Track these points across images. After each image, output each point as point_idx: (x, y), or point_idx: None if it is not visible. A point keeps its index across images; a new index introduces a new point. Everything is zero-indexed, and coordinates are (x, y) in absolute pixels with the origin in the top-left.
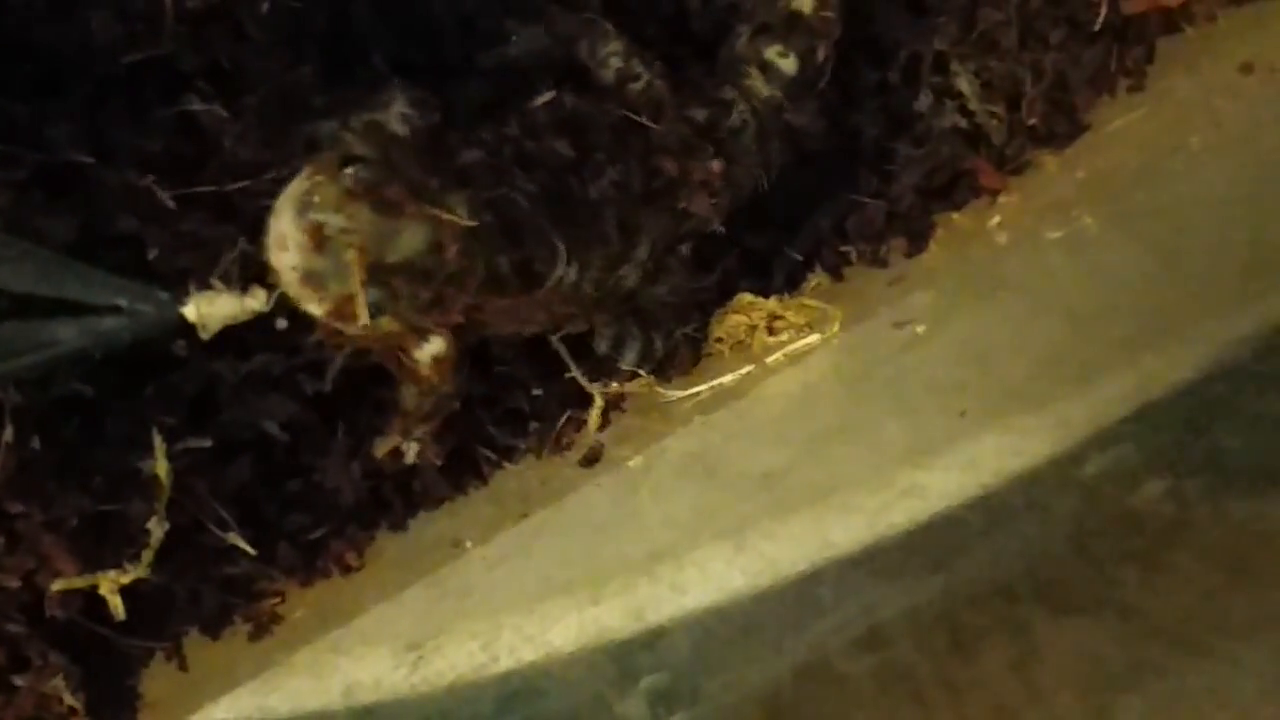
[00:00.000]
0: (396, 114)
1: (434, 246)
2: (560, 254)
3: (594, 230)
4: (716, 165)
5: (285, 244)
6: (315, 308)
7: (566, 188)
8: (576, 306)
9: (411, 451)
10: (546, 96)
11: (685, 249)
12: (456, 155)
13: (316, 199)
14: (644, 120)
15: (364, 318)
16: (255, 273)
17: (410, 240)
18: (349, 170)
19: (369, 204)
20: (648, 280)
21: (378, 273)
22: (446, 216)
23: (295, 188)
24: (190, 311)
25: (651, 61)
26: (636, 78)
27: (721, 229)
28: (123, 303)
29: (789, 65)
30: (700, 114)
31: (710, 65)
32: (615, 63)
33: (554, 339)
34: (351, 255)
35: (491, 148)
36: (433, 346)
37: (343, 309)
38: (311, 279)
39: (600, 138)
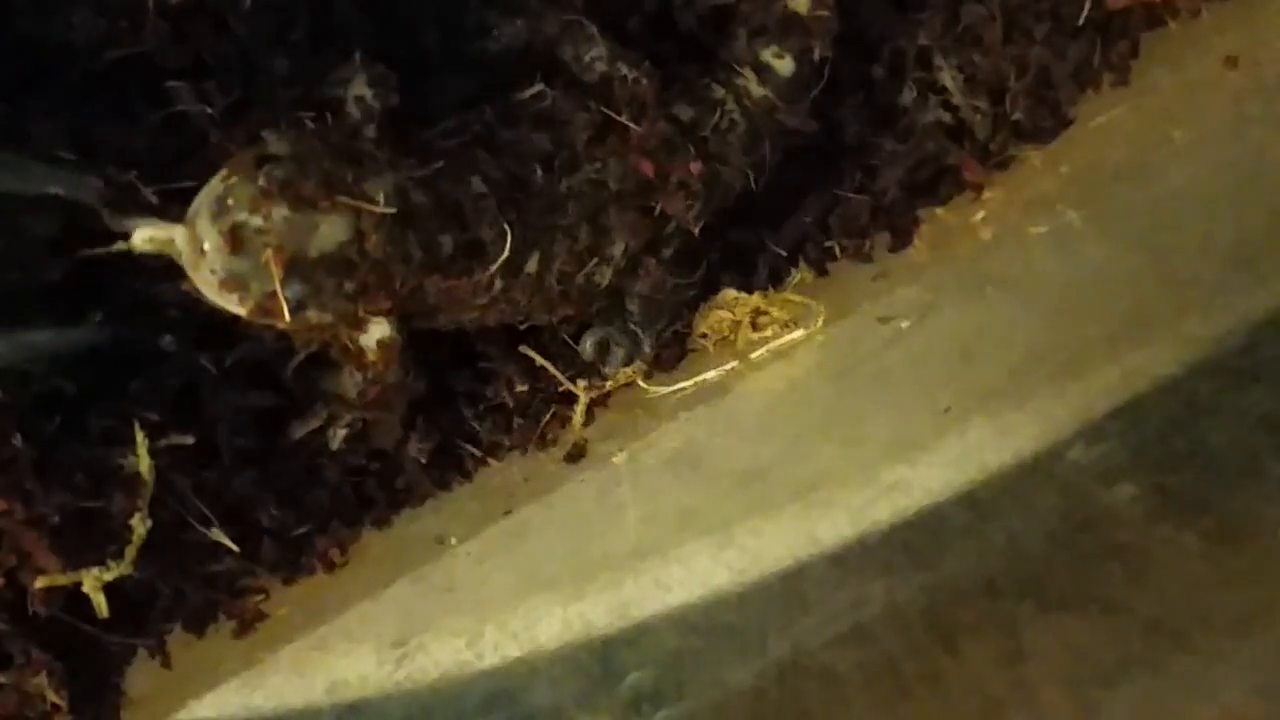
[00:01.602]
0: (353, 96)
1: (355, 236)
2: (507, 237)
3: (559, 223)
4: (695, 167)
5: (202, 248)
6: (238, 308)
7: (533, 178)
8: (539, 299)
9: (338, 438)
10: (533, 90)
11: (668, 252)
12: (413, 134)
13: (231, 201)
14: (625, 120)
15: (286, 315)
16: None
17: (330, 233)
18: (263, 169)
19: (285, 201)
20: (623, 279)
21: (299, 268)
22: (365, 206)
23: (210, 191)
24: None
25: (638, 61)
26: (621, 78)
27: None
28: (59, 190)
29: (785, 66)
30: (687, 113)
31: (699, 62)
32: (600, 66)
33: (527, 348)
34: (269, 254)
35: (457, 130)
36: (377, 331)
37: (266, 307)
38: (232, 281)
39: (579, 134)
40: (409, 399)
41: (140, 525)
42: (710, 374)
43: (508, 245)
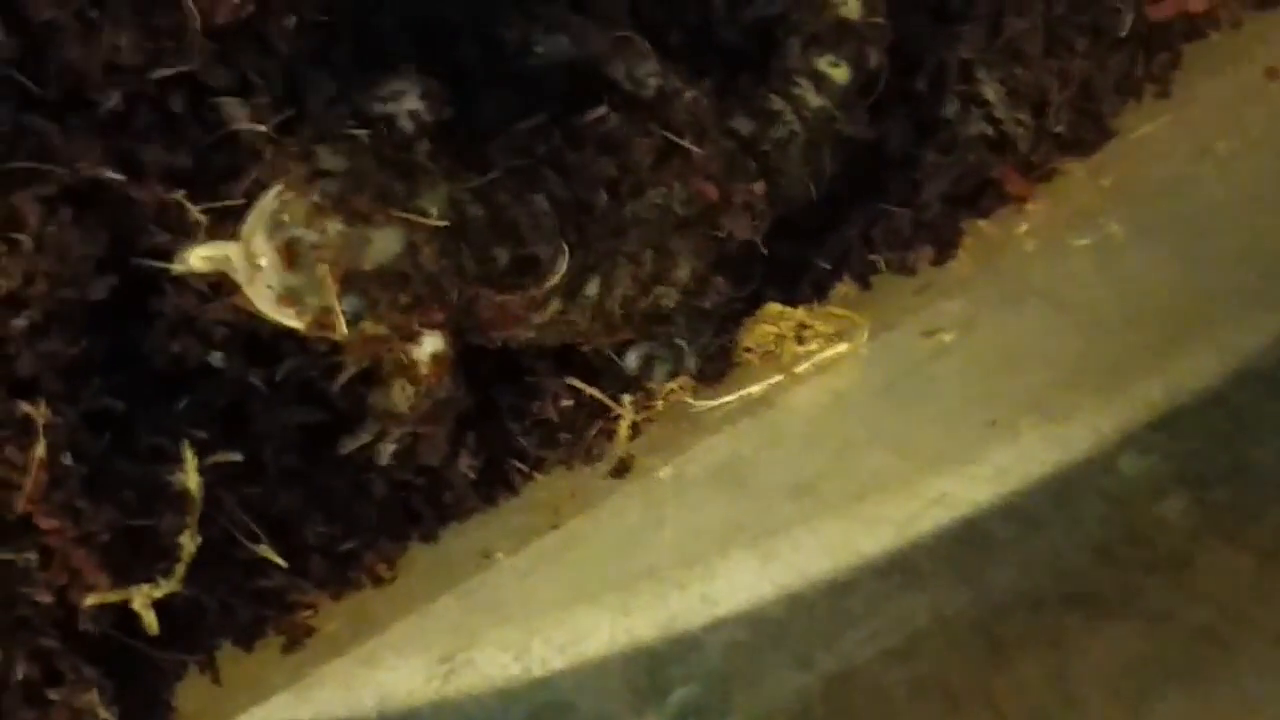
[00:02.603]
0: (405, 110)
1: (408, 249)
2: (564, 255)
3: (622, 248)
4: (759, 187)
5: (258, 264)
6: (295, 322)
7: (598, 202)
8: (600, 323)
9: (386, 453)
10: (597, 113)
11: (730, 269)
12: (474, 146)
13: (286, 217)
14: (686, 143)
15: (342, 328)
16: None
17: (383, 246)
18: (317, 184)
19: (339, 216)
20: (690, 299)
21: (354, 281)
22: (418, 219)
23: (264, 206)
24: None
25: (693, 78)
26: (678, 95)
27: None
28: None
29: (841, 75)
30: (746, 126)
31: (750, 74)
32: (653, 82)
33: (574, 378)
34: (324, 269)
35: (522, 146)
36: (430, 344)
37: (322, 321)
38: (288, 296)
39: (642, 158)
40: (457, 414)
41: (189, 542)
42: (755, 388)
43: (564, 263)
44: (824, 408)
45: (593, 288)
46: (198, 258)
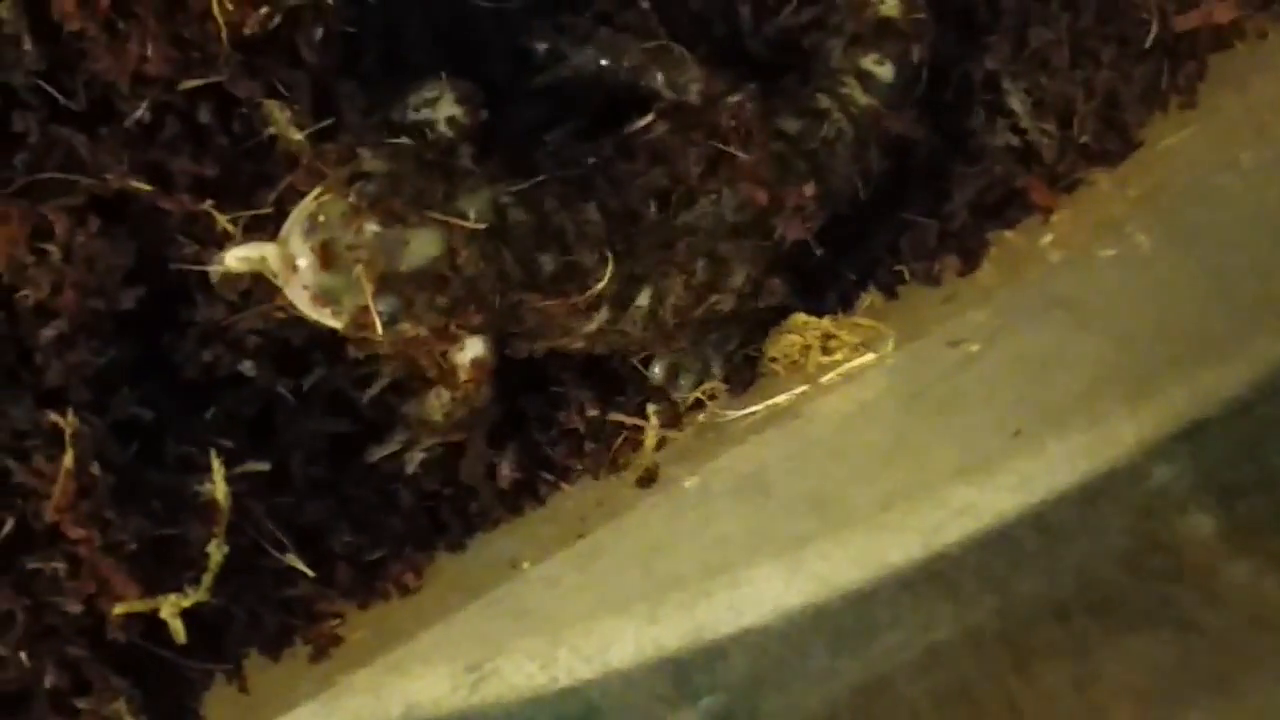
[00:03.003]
0: (444, 116)
1: (447, 252)
2: (609, 264)
3: (673, 259)
4: (809, 189)
5: (295, 265)
6: (332, 322)
7: (646, 213)
8: (653, 332)
9: (414, 461)
10: (645, 121)
11: (789, 270)
12: (526, 151)
13: (323, 218)
14: (734, 150)
15: (378, 329)
16: None
17: (421, 248)
18: (355, 186)
19: (376, 217)
20: (746, 303)
21: (391, 282)
22: (455, 222)
23: (302, 208)
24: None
25: (736, 82)
26: (723, 96)
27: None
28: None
29: (886, 73)
30: (793, 125)
31: (794, 76)
32: (696, 87)
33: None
34: (360, 270)
35: (572, 155)
36: (471, 350)
37: (359, 321)
38: (325, 295)
39: (691, 168)
40: (489, 425)
41: (217, 552)
42: (781, 398)
43: (608, 272)
44: (850, 418)
45: (644, 298)
46: (235, 258)
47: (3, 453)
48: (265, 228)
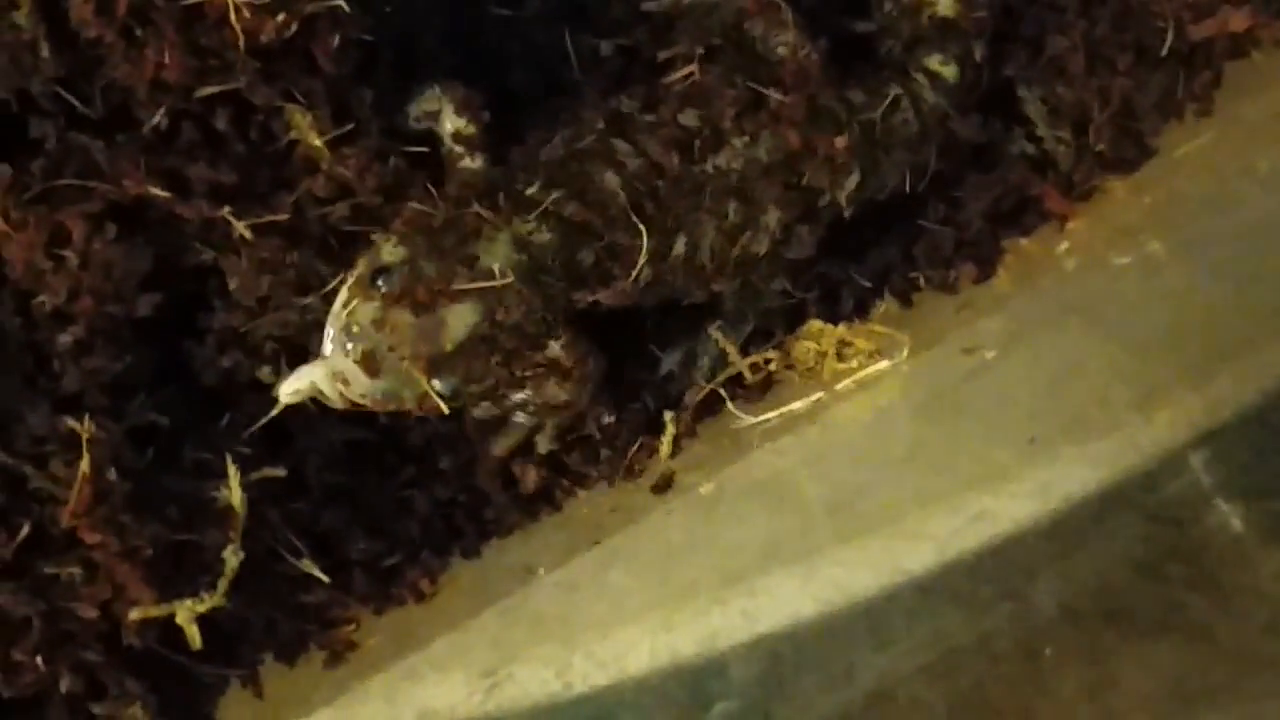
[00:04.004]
0: (449, 131)
1: (485, 314)
2: (644, 236)
3: (704, 204)
4: (840, 141)
5: (346, 380)
6: (401, 412)
7: (671, 163)
8: (692, 277)
9: (547, 440)
10: (684, 70)
11: (819, 228)
12: (535, 154)
13: (356, 328)
14: (773, 92)
15: (443, 409)
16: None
17: (459, 322)
18: (378, 284)
19: (407, 310)
20: (778, 247)
21: (441, 364)
22: (485, 285)
23: (334, 320)
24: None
25: (815, 38)
26: (795, 50)
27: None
28: None
29: (950, 73)
30: (858, 96)
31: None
32: (782, 51)
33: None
34: (406, 365)
35: (581, 132)
36: (558, 346)
37: (426, 407)
38: (384, 398)
39: (727, 108)
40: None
41: (233, 557)
42: (796, 405)
43: (645, 241)
44: (865, 425)
45: (680, 246)
46: (287, 394)
47: (20, 458)
48: (284, 234)
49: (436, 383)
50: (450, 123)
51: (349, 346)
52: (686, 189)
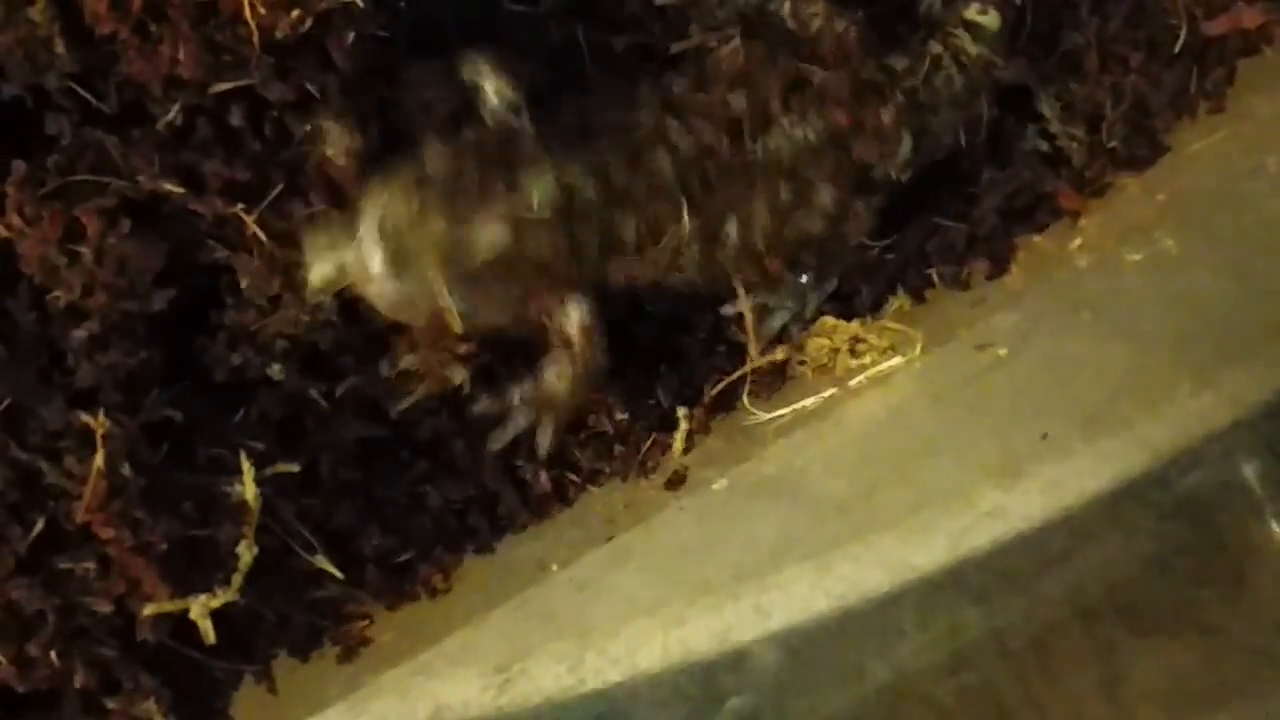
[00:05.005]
0: (490, 91)
1: (514, 241)
2: (684, 211)
3: (755, 185)
4: (887, 114)
5: (370, 275)
6: (413, 323)
7: (721, 144)
8: (746, 260)
9: (548, 439)
10: (732, 45)
11: (876, 199)
12: (588, 117)
13: (391, 224)
14: (818, 69)
15: (457, 326)
16: None
17: (488, 242)
18: (418, 188)
19: (441, 218)
20: (834, 225)
21: (463, 280)
22: (520, 214)
23: (370, 215)
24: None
25: (851, 13)
26: (832, 26)
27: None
28: None
29: (991, 21)
30: (900, 62)
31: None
32: (817, 23)
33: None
34: (433, 273)
35: (636, 105)
36: (575, 313)
37: (438, 321)
38: (401, 302)
39: (773, 86)
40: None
41: (246, 552)
42: (809, 401)
43: (685, 219)
44: (878, 421)
45: (732, 228)
46: (316, 280)
47: (34, 453)
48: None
49: (455, 298)
50: (491, 86)
51: (380, 243)
52: (737, 172)
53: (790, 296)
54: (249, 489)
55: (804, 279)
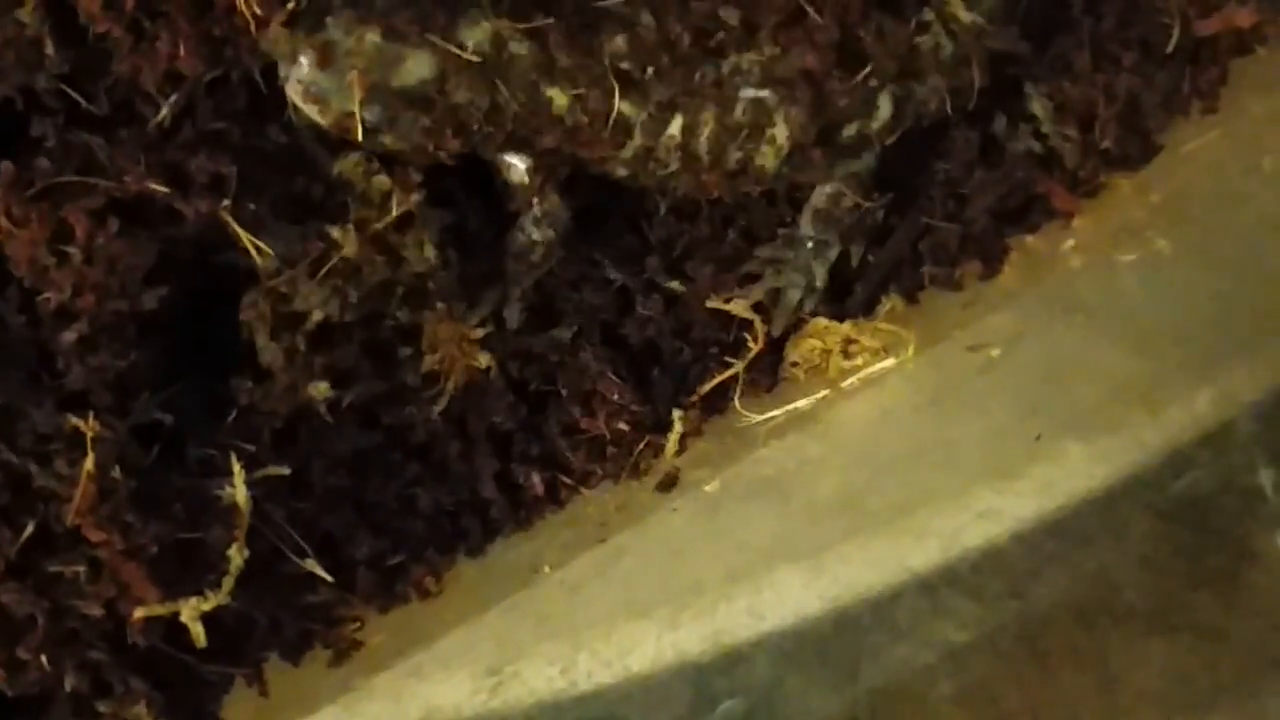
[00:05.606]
0: None
1: (438, 76)
2: (615, 98)
3: (710, 93)
4: (863, 73)
5: (297, 59)
6: (318, 119)
7: (682, 44)
8: (686, 165)
9: (515, 314)
10: None
11: (856, 165)
12: None
13: (330, 19)
14: (811, 10)
15: (358, 135)
16: None
17: (414, 68)
18: (366, 5)
19: (378, 29)
20: (787, 166)
21: (379, 94)
22: (451, 50)
23: (315, 8)
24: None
25: None
26: None
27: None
28: None
29: None
30: (889, 25)
31: None
32: None
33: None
34: (353, 76)
35: None
36: (517, 170)
37: (342, 124)
38: (315, 92)
39: (767, 15)
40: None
41: (237, 556)
42: (802, 402)
43: (615, 100)
44: (870, 422)
45: (675, 127)
46: (266, 39)
47: (24, 456)
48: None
49: (366, 109)
50: None
51: (315, 32)
52: (695, 74)
53: (797, 270)
54: (239, 492)
55: (809, 245)
